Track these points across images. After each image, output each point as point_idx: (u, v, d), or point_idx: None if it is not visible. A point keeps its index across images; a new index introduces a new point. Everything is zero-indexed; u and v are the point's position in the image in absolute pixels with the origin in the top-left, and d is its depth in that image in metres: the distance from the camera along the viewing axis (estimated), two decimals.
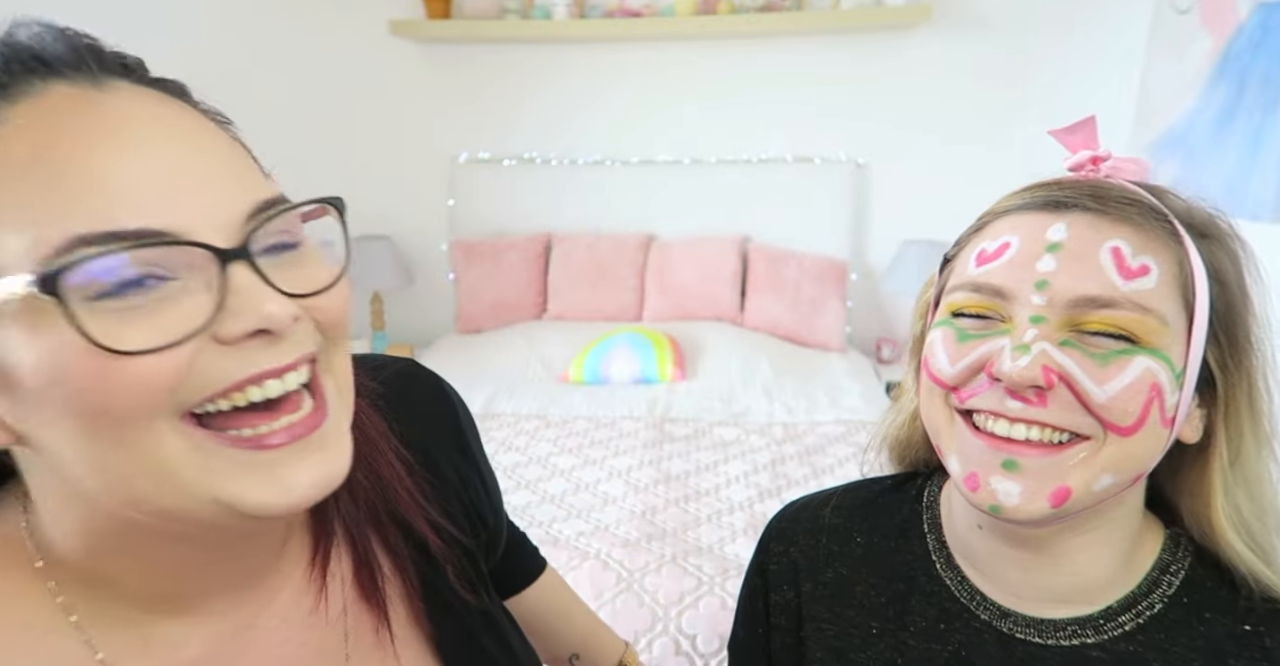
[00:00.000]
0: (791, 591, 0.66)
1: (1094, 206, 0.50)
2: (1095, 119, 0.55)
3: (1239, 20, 1.63)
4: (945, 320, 0.54)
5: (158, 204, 0.35)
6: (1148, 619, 0.54)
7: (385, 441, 0.55)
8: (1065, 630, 0.55)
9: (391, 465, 0.55)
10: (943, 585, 0.60)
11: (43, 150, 0.35)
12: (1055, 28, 2.55)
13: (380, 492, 0.54)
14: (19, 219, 0.34)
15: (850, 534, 0.66)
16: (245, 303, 0.37)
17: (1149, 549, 0.56)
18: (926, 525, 0.64)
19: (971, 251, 0.54)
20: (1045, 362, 0.47)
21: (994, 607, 0.57)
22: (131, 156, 0.36)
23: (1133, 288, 0.47)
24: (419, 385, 0.63)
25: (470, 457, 0.63)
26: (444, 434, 0.62)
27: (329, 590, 0.51)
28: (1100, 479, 0.49)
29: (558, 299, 2.96)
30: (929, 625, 0.59)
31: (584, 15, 2.82)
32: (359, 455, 0.49)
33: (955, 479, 0.53)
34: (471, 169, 3.07)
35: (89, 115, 0.36)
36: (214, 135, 0.40)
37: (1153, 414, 0.48)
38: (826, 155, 2.91)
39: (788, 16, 2.65)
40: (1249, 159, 1.57)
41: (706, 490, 1.90)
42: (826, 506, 0.68)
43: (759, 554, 0.70)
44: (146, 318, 0.35)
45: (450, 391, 0.65)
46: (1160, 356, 0.48)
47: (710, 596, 1.47)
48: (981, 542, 0.57)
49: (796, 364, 2.64)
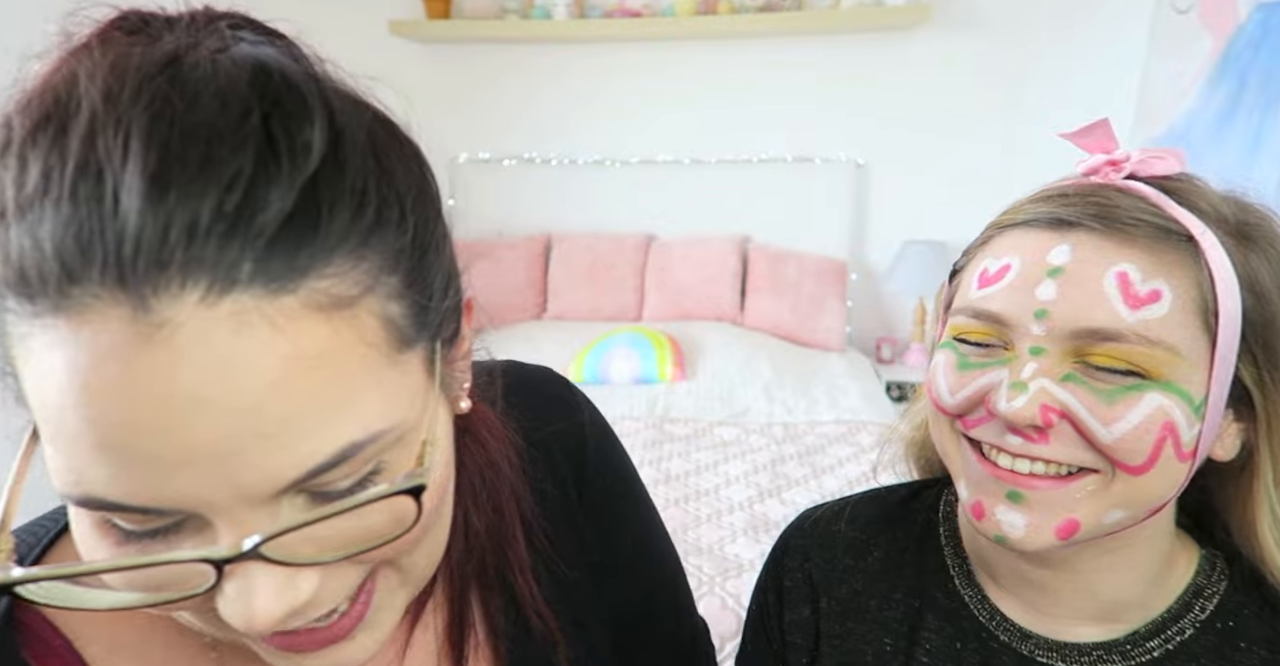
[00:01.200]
0: (808, 609, 0.63)
1: (1099, 226, 0.45)
2: (1109, 121, 0.50)
3: (1239, 20, 1.63)
4: (949, 343, 0.51)
5: (173, 479, 0.29)
6: (1177, 645, 0.51)
7: (515, 491, 0.50)
8: (1090, 656, 0.51)
9: (515, 523, 0.49)
10: (961, 602, 0.57)
11: (71, 393, 0.28)
12: (1055, 28, 2.55)
13: (495, 547, 0.49)
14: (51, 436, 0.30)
15: (868, 547, 0.63)
16: (233, 606, 0.32)
17: (1181, 571, 0.53)
18: (944, 537, 0.61)
19: (975, 269, 0.51)
20: (1044, 401, 0.44)
21: (1014, 629, 0.54)
22: (160, 438, 0.28)
23: (1140, 318, 0.43)
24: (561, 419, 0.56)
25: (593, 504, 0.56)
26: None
27: (414, 638, 0.48)
28: (1110, 513, 0.46)
29: (558, 299, 2.96)
30: (944, 643, 0.56)
31: (584, 15, 2.82)
32: (485, 496, 0.47)
33: (963, 504, 0.50)
34: (471, 169, 3.07)
35: (128, 362, 0.28)
36: (295, 378, 0.29)
37: (1166, 451, 0.44)
38: (826, 155, 2.91)
39: (788, 16, 2.65)
40: (1249, 159, 1.57)
41: (706, 490, 1.89)
42: (841, 519, 0.65)
43: (772, 568, 0.67)
44: (142, 546, 0.32)
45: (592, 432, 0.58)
46: (1174, 390, 0.44)
47: (710, 596, 1.47)
48: (1001, 558, 0.54)
49: (796, 364, 2.64)
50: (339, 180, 0.31)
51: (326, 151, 0.30)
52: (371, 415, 0.32)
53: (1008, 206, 0.52)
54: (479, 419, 0.49)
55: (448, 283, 0.38)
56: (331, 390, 0.31)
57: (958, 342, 0.51)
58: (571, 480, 0.56)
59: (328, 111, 0.31)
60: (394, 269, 0.33)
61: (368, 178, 0.32)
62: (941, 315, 0.56)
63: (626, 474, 0.62)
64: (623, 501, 0.61)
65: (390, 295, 0.33)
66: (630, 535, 0.60)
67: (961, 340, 0.50)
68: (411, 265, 0.34)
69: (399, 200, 0.33)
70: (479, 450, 0.49)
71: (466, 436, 0.48)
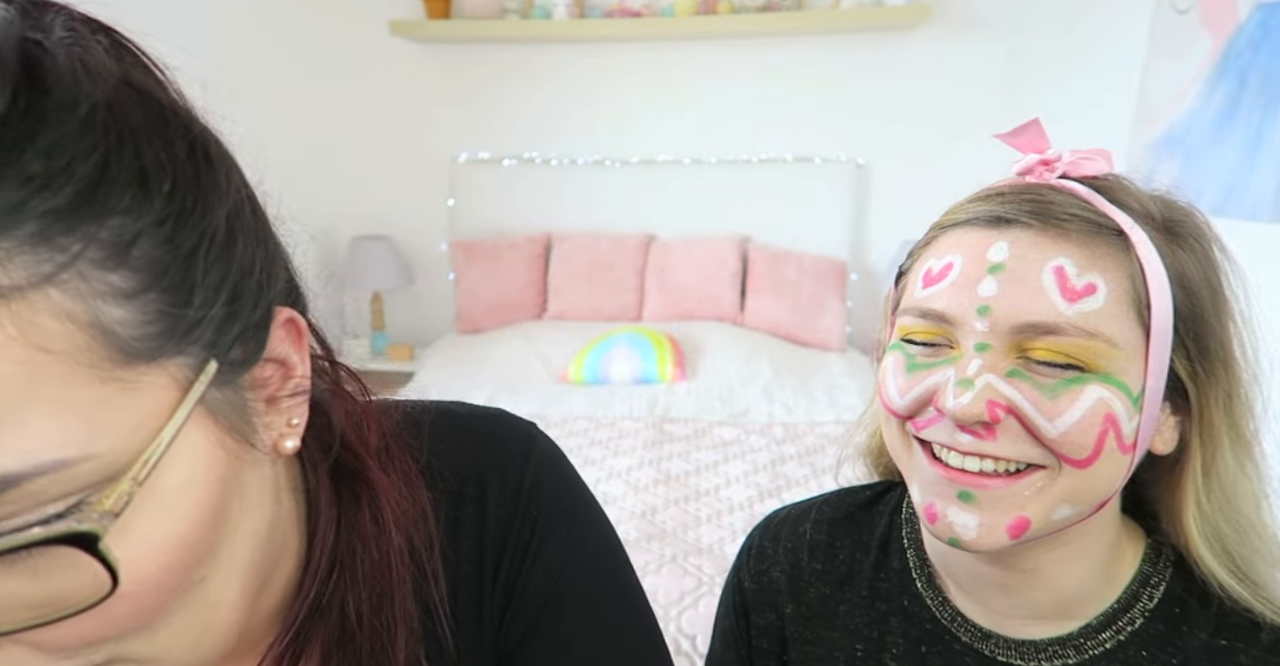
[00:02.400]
0: (773, 613, 0.63)
1: (1035, 223, 0.47)
2: (1039, 120, 0.53)
3: (1239, 20, 1.63)
4: (897, 345, 0.53)
5: None
6: (1128, 635, 0.52)
7: (429, 572, 0.43)
8: (1046, 651, 0.53)
9: (403, 611, 0.42)
10: (923, 605, 0.58)
11: None
12: (1055, 28, 2.55)
13: (374, 637, 0.41)
14: None
15: (834, 550, 0.64)
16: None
17: (1129, 559, 0.55)
18: (906, 539, 0.62)
19: (920, 269, 0.52)
20: (990, 397, 0.46)
21: (975, 629, 0.56)
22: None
23: (1078, 310, 0.45)
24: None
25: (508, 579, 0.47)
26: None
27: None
28: (1058, 508, 0.47)
29: (558, 299, 2.96)
30: (909, 647, 0.58)
31: (584, 15, 2.82)
32: (366, 575, 0.40)
33: (917, 507, 0.52)
34: (471, 169, 3.07)
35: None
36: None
37: (1108, 444, 0.46)
38: (826, 155, 2.91)
39: (788, 16, 2.65)
40: (1249, 159, 1.57)
41: (706, 490, 1.90)
42: (807, 520, 0.66)
43: (736, 570, 0.67)
44: None
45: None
46: (1113, 382, 0.46)
47: (710, 596, 1.47)
48: (959, 559, 0.56)
49: (796, 364, 2.64)
50: (20, 150, 0.25)
51: (8, 114, 0.25)
52: (39, 442, 0.25)
53: (949, 207, 0.54)
54: (377, 482, 0.42)
55: (236, 291, 0.31)
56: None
57: (905, 344, 0.52)
58: (492, 560, 0.47)
59: (28, 71, 0.26)
60: (116, 263, 0.27)
61: (80, 154, 0.26)
62: (890, 317, 0.57)
63: (578, 561, 0.49)
64: (562, 594, 0.48)
65: (105, 293, 0.27)
66: (578, 624, 0.48)
67: (909, 341, 0.52)
68: (154, 262, 0.28)
69: (139, 185, 0.28)
70: (368, 520, 0.42)
71: (352, 501, 0.42)
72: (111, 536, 0.27)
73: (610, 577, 0.50)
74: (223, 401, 0.32)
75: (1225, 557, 0.50)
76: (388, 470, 0.43)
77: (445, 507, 0.46)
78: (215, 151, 0.32)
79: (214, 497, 0.31)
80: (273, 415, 0.35)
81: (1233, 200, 1.59)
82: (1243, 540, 0.50)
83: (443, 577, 0.44)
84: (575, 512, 0.50)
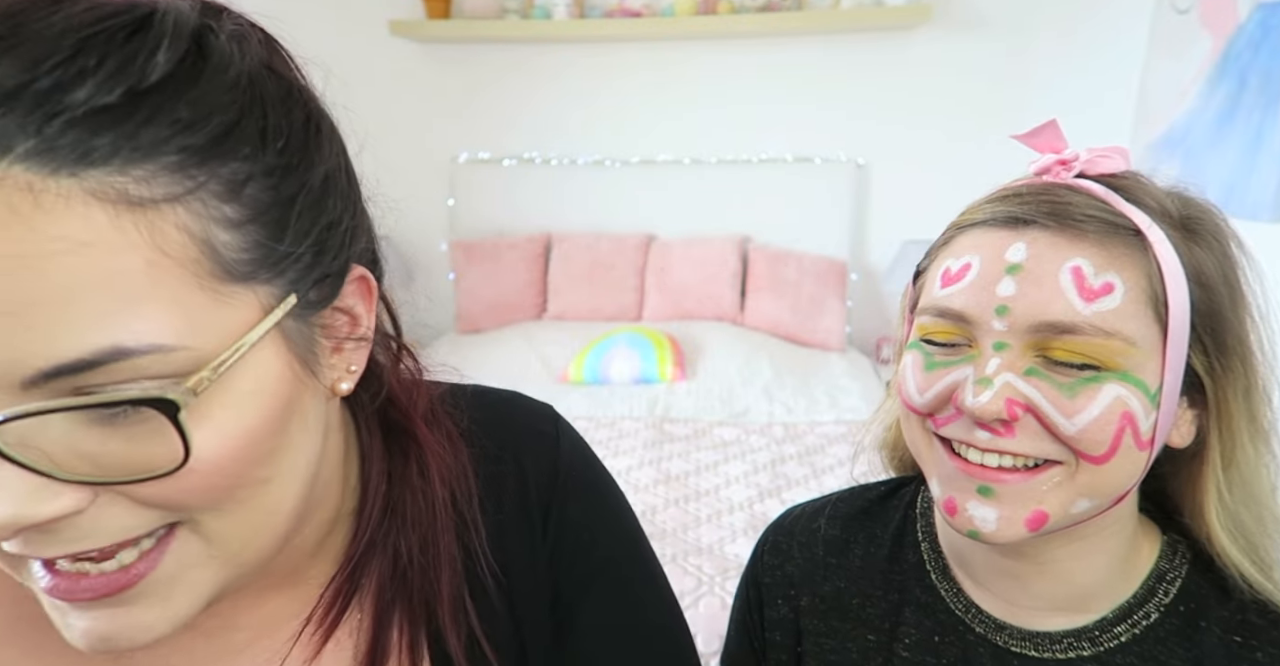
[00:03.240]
0: (787, 606, 0.64)
1: (1052, 224, 0.48)
2: (1056, 121, 0.53)
3: (1239, 20, 1.63)
4: (916, 343, 0.53)
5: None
6: (1144, 629, 0.53)
7: (467, 521, 0.49)
8: (1061, 643, 0.54)
9: (449, 554, 0.48)
10: (937, 596, 0.59)
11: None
12: (1055, 28, 2.55)
13: (423, 576, 0.47)
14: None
15: (848, 545, 0.65)
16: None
17: (1145, 555, 0.55)
18: (920, 533, 0.63)
19: (939, 268, 0.53)
20: (1009, 395, 0.46)
21: (989, 620, 0.56)
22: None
23: (1095, 309, 0.46)
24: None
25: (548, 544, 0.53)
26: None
27: (325, 653, 0.46)
28: (1076, 503, 0.48)
29: (558, 299, 2.96)
30: (923, 638, 0.58)
31: (584, 15, 2.81)
32: (415, 520, 0.46)
33: (936, 501, 0.52)
34: (471, 169, 3.06)
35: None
36: (49, 258, 0.29)
37: (1125, 441, 0.46)
38: (826, 155, 2.91)
39: (788, 16, 2.65)
40: (1249, 159, 1.57)
41: (706, 490, 1.90)
42: (821, 516, 0.67)
43: (752, 565, 0.69)
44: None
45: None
46: (1131, 380, 0.46)
47: (710, 596, 1.47)
48: (975, 551, 0.57)
49: (796, 364, 2.64)
50: (177, 98, 0.31)
51: (175, 71, 0.31)
52: (151, 326, 0.31)
53: (967, 207, 0.54)
54: (424, 440, 0.48)
55: (322, 240, 0.37)
56: (97, 283, 0.29)
57: (924, 343, 0.52)
58: (539, 517, 0.53)
59: (198, 43, 0.33)
60: (230, 197, 0.33)
61: (220, 108, 0.33)
62: (907, 315, 0.58)
63: (611, 526, 0.57)
64: (603, 557, 0.55)
65: (218, 220, 0.33)
66: (611, 598, 0.55)
67: (928, 341, 0.52)
68: (260, 202, 0.34)
69: (260, 140, 0.34)
70: (415, 473, 0.48)
71: (401, 456, 0.48)
72: (190, 415, 0.32)
73: (638, 530, 0.59)
74: (295, 332, 0.37)
75: (1249, 549, 0.51)
76: (433, 430, 0.49)
77: (484, 465, 0.51)
78: (325, 126, 0.39)
79: (279, 407, 0.36)
80: (336, 357, 0.41)
81: (1233, 200, 1.59)
82: (1265, 531, 0.51)
83: (481, 526, 0.50)
84: (598, 469, 0.58)
